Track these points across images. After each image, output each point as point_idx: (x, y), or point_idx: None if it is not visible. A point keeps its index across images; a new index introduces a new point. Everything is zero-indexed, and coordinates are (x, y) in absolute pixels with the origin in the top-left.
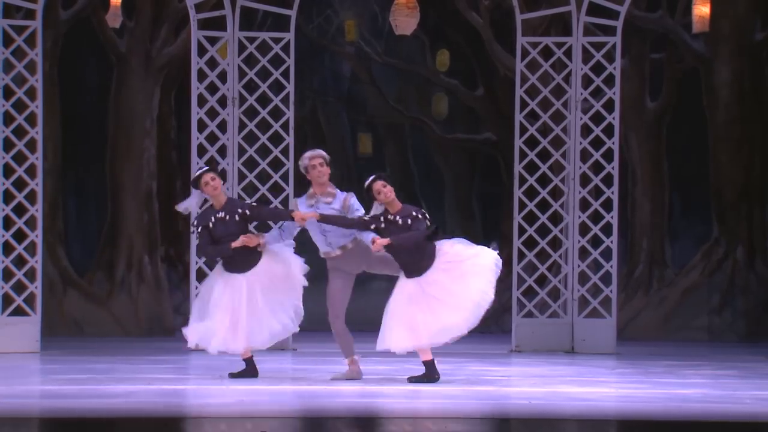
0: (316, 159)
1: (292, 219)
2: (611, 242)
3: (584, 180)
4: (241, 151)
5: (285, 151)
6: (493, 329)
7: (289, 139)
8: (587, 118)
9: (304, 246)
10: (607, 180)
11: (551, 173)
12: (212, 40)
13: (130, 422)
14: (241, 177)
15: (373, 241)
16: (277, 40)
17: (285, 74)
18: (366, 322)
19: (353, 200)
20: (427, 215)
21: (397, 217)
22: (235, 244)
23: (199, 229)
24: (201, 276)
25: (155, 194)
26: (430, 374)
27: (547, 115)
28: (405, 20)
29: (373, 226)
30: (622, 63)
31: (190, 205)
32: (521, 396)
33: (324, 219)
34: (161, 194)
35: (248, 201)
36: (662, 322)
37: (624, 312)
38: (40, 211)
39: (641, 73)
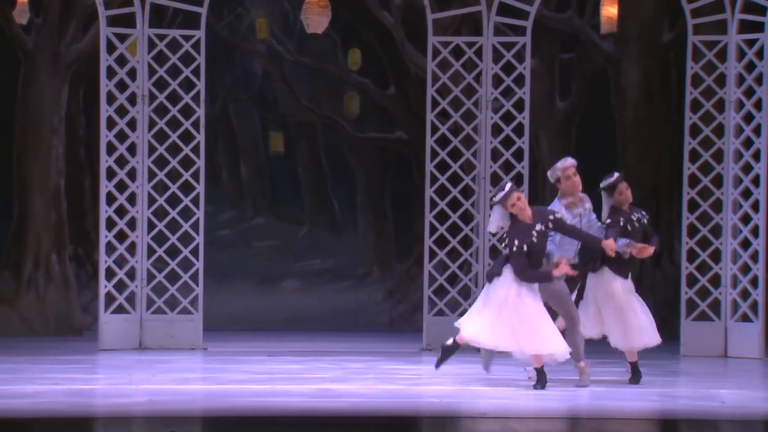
0: (569, 169)
1: (599, 248)
2: None
3: (495, 179)
4: (151, 149)
5: (195, 150)
6: (404, 328)
7: (200, 138)
8: (498, 118)
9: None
10: (518, 179)
11: (462, 172)
12: (122, 37)
13: (39, 423)
14: (152, 175)
15: (634, 247)
16: (187, 38)
17: (196, 72)
18: (276, 321)
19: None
20: None
21: (633, 216)
22: (557, 273)
23: (524, 248)
24: (110, 275)
25: (63, 192)
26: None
27: (458, 114)
28: (316, 19)
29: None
30: (532, 63)
31: (501, 223)
32: (432, 394)
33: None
34: (70, 192)
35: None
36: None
37: None
38: None
39: (551, 73)
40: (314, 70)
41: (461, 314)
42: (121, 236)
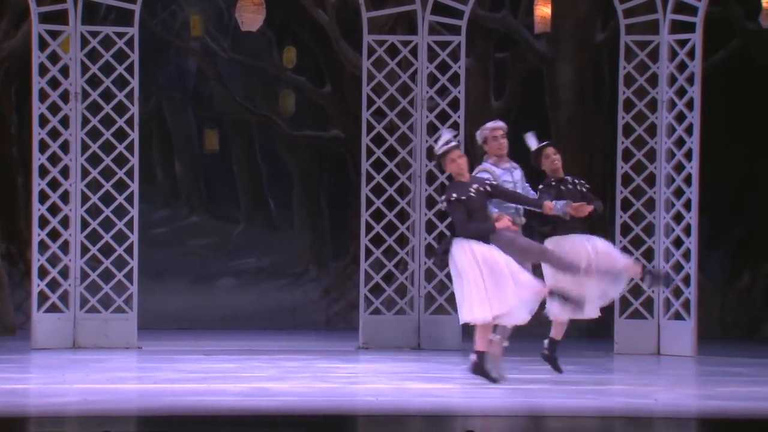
0: (498, 130)
1: (540, 207)
2: None
3: (430, 178)
4: (85, 147)
5: (129, 147)
6: (340, 326)
7: (134, 135)
8: (433, 117)
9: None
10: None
11: (398, 171)
12: (54, 34)
13: None
14: (85, 173)
15: (571, 206)
16: (121, 35)
17: (129, 69)
18: (211, 320)
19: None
20: None
21: (574, 180)
22: (499, 225)
23: (463, 198)
24: (43, 274)
25: None
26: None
27: (394, 113)
28: (251, 17)
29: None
30: (467, 62)
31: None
32: (368, 393)
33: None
34: (2, 190)
35: None
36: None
37: None
38: None
39: (486, 72)
40: (249, 67)
41: (397, 313)
42: (54, 234)
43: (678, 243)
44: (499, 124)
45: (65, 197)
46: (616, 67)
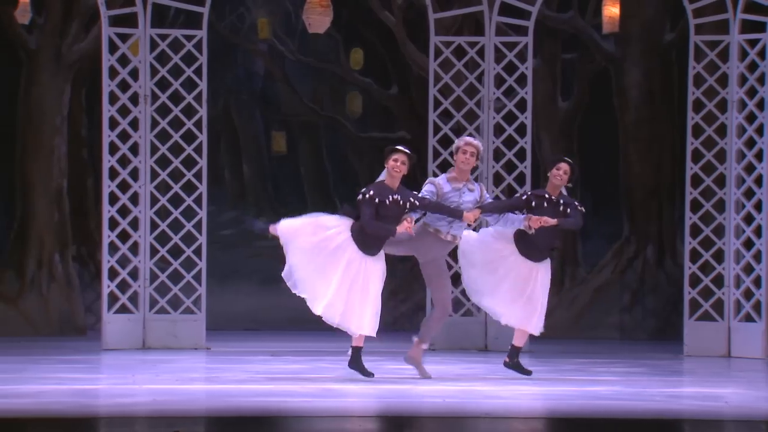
0: (469, 147)
1: (461, 218)
2: None
3: (497, 179)
4: (154, 149)
5: (198, 149)
6: (407, 328)
7: (202, 137)
8: (500, 118)
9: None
10: (520, 179)
11: None
12: (124, 37)
13: (42, 422)
14: (154, 175)
15: (530, 219)
16: (189, 38)
17: (198, 72)
18: (278, 321)
19: (485, 192)
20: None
21: (561, 201)
22: (400, 229)
23: (376, 200)
24: (113, 275)
25: (66, 192)
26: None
27: (461, 114)
28: (318, 18)
29: (531, 204)
30: (534, 63)
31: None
32: (435, 394)
33: (485, 210)
34: (72, 192)
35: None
36: (574, 320)
37: None
38: None
39: (553, 73)
40: (316, 69)
41: (464, 314)
42: (124, 236)
43: (748, 244)
44: (474, 142)
45: (135, 199)
46: (685, 67)
